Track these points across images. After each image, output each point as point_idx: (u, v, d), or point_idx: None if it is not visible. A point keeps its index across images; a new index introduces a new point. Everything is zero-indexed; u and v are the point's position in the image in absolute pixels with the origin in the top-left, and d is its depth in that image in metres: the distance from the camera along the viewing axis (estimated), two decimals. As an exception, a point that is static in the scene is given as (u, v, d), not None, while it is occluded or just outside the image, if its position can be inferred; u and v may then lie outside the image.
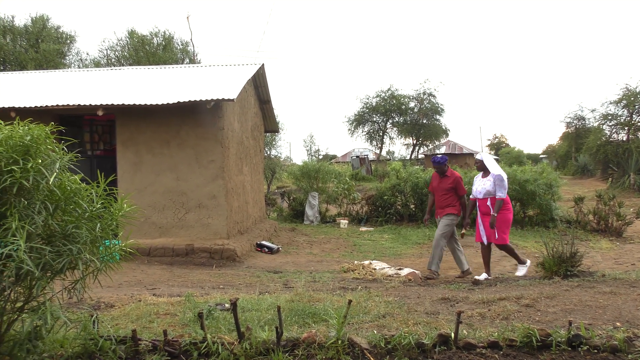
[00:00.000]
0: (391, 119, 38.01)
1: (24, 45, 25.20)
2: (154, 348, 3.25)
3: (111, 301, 5.12)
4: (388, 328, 3.88)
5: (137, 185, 9.26)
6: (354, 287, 6.14)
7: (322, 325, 3.94)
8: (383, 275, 7.24)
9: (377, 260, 8.44)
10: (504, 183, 7.05)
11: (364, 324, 4.08)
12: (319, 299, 5.04)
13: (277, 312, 3.24)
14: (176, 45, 28.22)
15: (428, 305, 4.84)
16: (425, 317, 4.28)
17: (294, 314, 4.33)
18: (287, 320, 4.12)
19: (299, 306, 4.57)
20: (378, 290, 5.68)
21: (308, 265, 8.55)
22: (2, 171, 2.64)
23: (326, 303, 4.72)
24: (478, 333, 3.59)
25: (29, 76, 13.64)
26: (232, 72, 11.94)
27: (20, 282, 2.86)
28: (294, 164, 33.84)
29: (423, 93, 36.29)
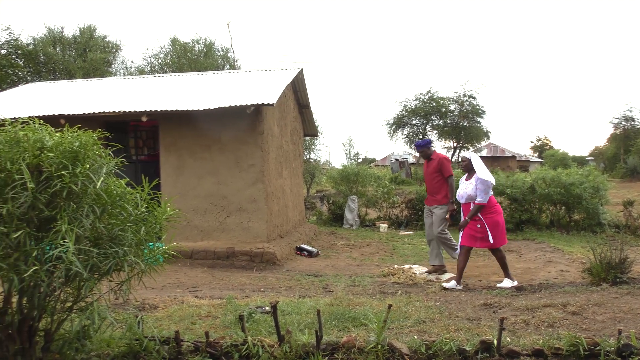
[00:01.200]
0: (431, 121, 37.56)
1: (72, 55, 26.13)
2: (196, 349, 3.31)
3: (155, 302, 5.24)
4: (429, 333, 3.83)
5: (179, 189, 9.45)
6: (394, 292, 6.09)
7: (361, 329, 3.93)
8: (423, 280, 7.16)
9: (417, 265, 8.35)
10: (487, 187, 6.55)
11: (404, 328, 4.04)
12: (358, 303, 5.02)
13: (317, 316, 3.25)
14: (217, 52, 28.74)
15: (470, 310, 4.76)
16: (467, 323, 4.20)
17: (334, 318, 4.32)
18: (327, 324, 4.13)
19: (338, 310, 4.56)
20: (418, 295, 5.62)
21: (347, 269, 8.54)
22: (53, 176, 2.74)
23: (366, 307, 4.70)
24: (522, 340, 3.51)
25: (78, 84, 14.14)
26: (271, 77, 12.05)
27: (69, 283, 2.96)
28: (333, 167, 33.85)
29: (463, 95, 35.70)
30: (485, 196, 6.56)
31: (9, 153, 2.75)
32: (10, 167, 2.69)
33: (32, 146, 2.79)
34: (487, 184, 6.54)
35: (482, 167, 6.74)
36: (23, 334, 3.00)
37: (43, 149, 2.81)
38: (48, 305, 3.02)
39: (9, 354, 2.97)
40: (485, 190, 6.56)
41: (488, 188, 6.60)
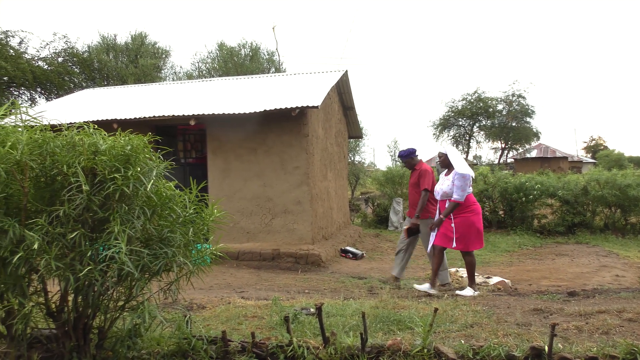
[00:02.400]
0: (478, 122, 36.85)
1: (124, 61, 27.02)
2: (242, 349, 3.35)
3: (203, 303, 5.34)
4: (476, 338, 3.75)
5: (226, 191, 9.61)
6: (440, 295, 6.00)
7: (407, 332, 3.89)
8: (471, 284, 7.01)
9: (463, 268, 8.20)
10: (464, 184, 6.10)
11: (451, 333, 3.97)
12: (404, 306, 4.97)
13: (362, 318, 3.24)
14: (262, 56, 29.09)
15: (519, 316, 4.63)
16: (516, 329, 4.09)
17: (379, 321, 4.29)
18: (372, 326, 4.10)
19: (383, 313, 4.53)
20: (465, 299, 5.51)
21: (392, 272, 8.46)
22: (106, 179, 2.84)
23: (411, 310, 4.65)
24: (574, 347, 3.39)
25: (129, 90, 14.60)
26: (316, 79, 12.11)
27: (121, 282, 3.05)
28: (378, 169, 33.65)
29: (512, 95, 34.86)
30: (462, 193, 6.10)
31: (65, 157, 2.86)
32: (66, 170, 2.80)
33: (87, 150, 2.89)
34: (466, 178, 6.09)
35: (460, 161, 6.28)
36: (78, 331, 3.12)
37: (97, 152, 2.91)
38: (102, 303, 3.12)
39: (65, 350, 3.09)
40: (462, 187, 6.10)
41: (466, 184, 6.14)
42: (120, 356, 3.15)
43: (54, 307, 3.14)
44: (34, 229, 2.68)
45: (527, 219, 13.82)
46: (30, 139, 2.85)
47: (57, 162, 2.87)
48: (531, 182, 13.78)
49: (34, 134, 2.90)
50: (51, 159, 2.89)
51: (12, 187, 2.85)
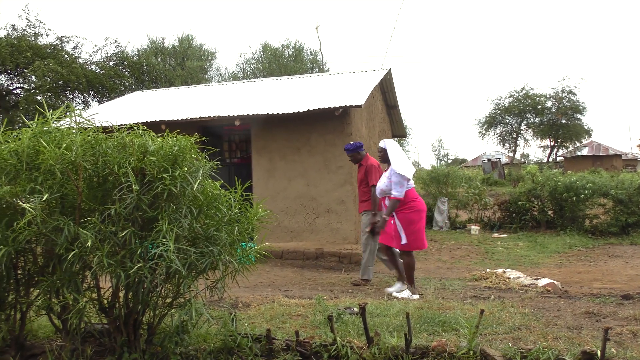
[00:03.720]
0: (526, 119, 35.88)
1: (172, 63, 27.72)
2: (286, 347, 3.38)
3: (247, 301, 5.41)
4: (524, 341, 3.66)
5: (270, 191, 9.70)
6: (486, 296, 5.88)
7: (452, 334, 3.83)
8: (518, 285, 6.84)
9: (511, 269, 8.00)
10: (401, 179, 5.85)
11: (498, 335, 3.88)
12: (449, 307, 4.90)
13: (406, 319, 3.21)
14: (306, 56, 29.27)
15: (569, 319, 4.48)
16: (567, 332, 3.96)
17: (423, 321, 4.25)
18: (416, 327, 4.06)
19: (428, 313, 4.48)
20: (513, 301, 5.38)
21: (437, 272, 8.35)
22: (155, 179, 2.92)
23: (457, 311, 4.57)
24: (629, 353, 3.26)
25: (177, 92, 14.95)
26: (359, 78, 12.07)
27: (169, 280, 3.13)
28: (422, 168, 33.27)
29: (562, 91, 33.74)
30: (400, 189, 5.83)
31: (116, 157, 2.96)
32: (117, 170, 2.89)
33: (137, 151, 2.98)
34: (401, 176, 5.83)
35: (397, 158, 6.01)
36: (129, 327, 3.22)
37: (146, 153, 3.00)
38: (151, 300, 3.21)
39: (117, 344, 3.19)
40: (399, 183, 5.83)
41: (403, 179, 5.87)
42: (168, 352, 3.23)
43: (106, 302, 3.25)
44: (87, 227, 2.79)
45: (578, 219, 13.37)
46: (84, 140, 2.95)
47: (109, 162, 2.97)
48: (582, 181, 13.31)
49: (87, 135, 3.00)
50: (103, 160, 3.00)
51: (67, 187, 2.97)
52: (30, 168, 2.98)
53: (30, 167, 2.98)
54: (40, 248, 3.26)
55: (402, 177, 5.88)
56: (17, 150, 3.00)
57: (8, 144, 3.07)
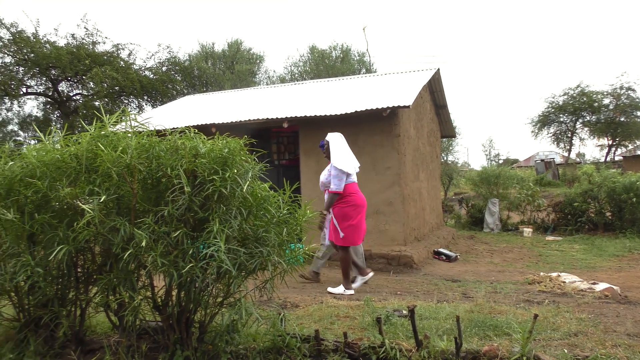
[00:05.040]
0: (581, 118, 34.54)
1: (221, 67, 28.27)
2: (335, 349, 3.38)
3: (296, 301, 5.45)
4: (581, 348, 3.52)
5: (318, 192, 9.72)
6: (540, 301, 5.71)
7: (504, 339, 3.73)
8: (574, 290, 6.60)
9: (566, 273, 7.73)
10: (340, 173, 5.91)
11: (552, 341, 3.76)
12: (500, 310, 4.78)
13: (456, 322, 3.16)
14: (353, 57, 29.24)
15: (630, 325, 4.29)
16: (627, 339, 3.80)
17: (474, 325, 4.16)
18: (466, 331, 3.98)
19: (478, 317, 4.39)
20: (568, 306, 5.20)
21: (488, 275, 8.17)
22: (206, 180, 2.98)
23: (509, 316, 4.46)
24: (696, 363, 3.09)
25: (226, 95, 15.24)
26: (407, 78, 11.96)
27: (220, 279, 3.19)
28: (472, 169, 32.65)
29: (620, 88, 32.29)
30: (339, 183, 5.83)
31: (169, 160, 3.05)
32: (170, 172, 2.98)
33: (189, 153, 3.06)
34: (340, 171, 5.86)
35: (338, 152, 6.03)
36: (181, 325, 3.30)
37: (197, 155, 3.07)
38: (202, 299, 3.29)
39: (170, 342, 3.28)
40: (338, 177, 5.85)
41: (342, 174, 5.88)
42: (219, 350, 3.29)
43: (159, 301, 3.35)
44: (142, 228, 2.88)
45: (638, 221, 12.78)
46: (139, 143, 3.06)
47: (162, 165, 3.06)
48: (643, 181, 12.74)
49: (141, 139, 3.11)
50: (157, 162, 3.09)
51: (123, 188, 3.08)
52: (89, 171, 3.10)
53: (89, 170, 3.11)
54: (98, 247, 3.40)
55: (341, 171, 5.95)
56: (76, 153, 3.14)
57: (69, 148, 3.21)
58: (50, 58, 19.01)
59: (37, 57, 18.99)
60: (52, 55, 18.97)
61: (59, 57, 18.85)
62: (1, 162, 3.30)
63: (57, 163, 3.17)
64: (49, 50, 19.20)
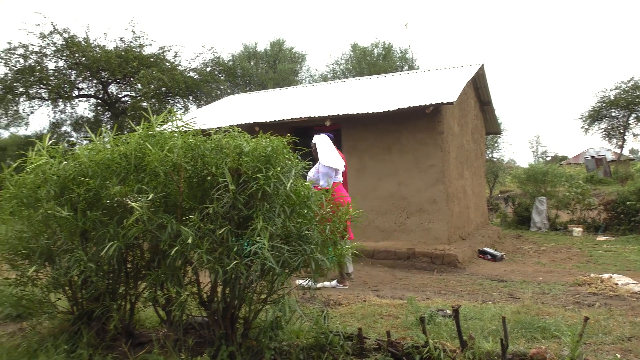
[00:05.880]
0: (635, 112, 33.11)
1: (264, 67, 28.57)
2: (378, 347, 3.37)
3: (339, 299, 5.46)
4: (635, 353, 3.40)
5: (360, 190, 9.72)
6: (591, 303, 5.52)
7: (552, 341, 3.63)
8: (627, 292, 6.36)
9: (619, 274, 7.45)
10: (329, 171, 6.24)
11: (604, 345, 3.63)
12: (548, 312, 4.65)
13: (502, 323, 3.09)
14: (395, 54, 29.02)
15: (689, 330, 4.10)
16: (686, 344, 3.63)
17: (520, 327, 4.07)
18: (513, 332, 3.90)
19: (525, 319, 4.29)
20: (621, 309, 5.01)
21: (535, 276, 7.96)
22: (249, 179, 3.03)
23: (557, 318, 4.34)
24: None
25: (269, 94, 15.38)
26: (450, 75, 11.78)
27: (264, 276, 3.23)
28: (518, 166, 31.81)
29: (677, 81, 30.80)
30: (329, 180, 6.04)
31: (214, 159, 3.10)
32: (215, 171, 3.03)
33: (233, 152, 3.11)
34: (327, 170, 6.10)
35: (325, 151, 6.40)
36: (226, 320, 3.36)
37: (241, 154, 3.12)
38: (246, 296, 3.34)
39: (215, 337, 3.35)
40: (327, 174, 6.08)
41: (330, 172, 6.14)
42: (263, 346, 3.33)
43: (205, 297, 3.42)
44: (188, 225, 2.95)
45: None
46: (184, 143, 3.13)
47: (207, 163, 3.12)
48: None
49: (187, 138, 3.18)
50: (202, 161, 3.15)
51: (170, 187, 3.16)
52: (137, 169, 3.20)
53: (138, 169, 3.20)
54: (146, 244, 3.50)
55: (330, 168, 6.33)
56: (126, 153, 3.24)
57: (118, 148, 3.32)
58: (100, 61, 19.66)
59: (88, 61, 19.68)
60: (102, 58, 19.61)
61: (108, 60, 19.48)
62: (56, 162, 3.44)
63: (107, 162, 3.29)
64: (99, 54, 19.86)
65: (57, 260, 3.45)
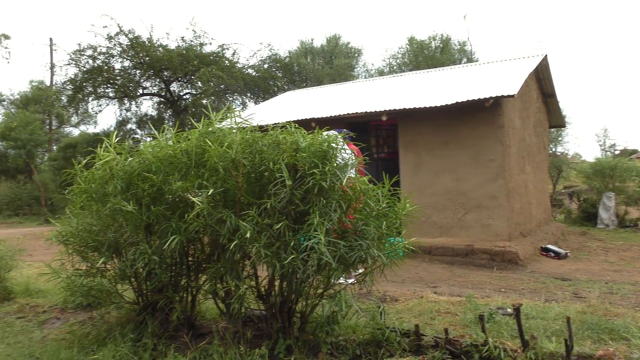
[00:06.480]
0: None
1: (320, 63, 28.66)
2: (435, 345, 3.33)
3: (395, 295, 5.42)
4: None
5: (417, 185, 9.60)
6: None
7: (621, 343, 3.47)
8: None
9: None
10: None
11: (680, 349, 3.43)
12: (617, 313, 4.44)
13: (567, 323, 2.98)
14: (453, 46, 28.38)
15: None
16: None
17: (586, 328, 3.91)
18: (578, 333, 3.75)
19: (592, 319, 4.11)
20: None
21: (603, 275, 7.61)
22: (306, 174, 3.05)
23: (627, 319, 4.13)
24: None
25: (325, 90, 15.43)
26: (511, 66, 11.42)
27: (320, 271, 3.26)
28: (584, 161, 30.48)
29: None
30: None
31: (271, 154, 3.15)
32: (272, 166, 3.08)
33: (289, 148, 3.14)
34: None
35: None
36: (283, 314, 3.41)
37: (298, 149, 3.15)
38: (303, 290, 3.37)
39: (273, 330, 3.41)
40: None
41: None
42: (319, 340, 3.36)
43: (263, 290, 3.49)
44: (246, 220, 3.01)
45: None
46: (243, 139, 3.19)
47: (265, 159, 3.17)
48: None
49: (245, 134, 3.24)
50: (259, 157, 3.21)
51: (229, 182, 3.23)
52: (197, 165, 3.30)
53: (198, 165, 3.30)
54: (206, 238, 3.60)
55: None
56: (187, 149, 3.35)
57: (180, 144, 3.43)
58: (163, 60, 20.30)
59: (152, 60, 20.36)
60: (165, 57, 20.25)
61: (170, 60, 20.09)
62: (122, 158, 3.59)
63: (169, 158, 3.40)
64: (161, 54, 20.51)
65: (123, 253, 3.61)
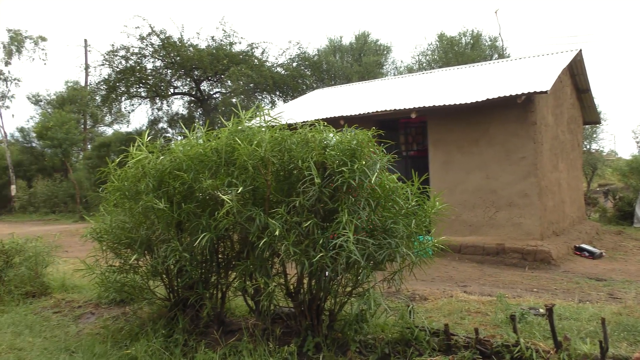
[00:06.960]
0: None
1: (349, 60, 28.59)
2: (465, 344, 3.30)
3: (425, 294, 5.39)
4: None
5: (447, 183, 9.50)
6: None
7: (660, 346, 3.37)
8: None
9: None
10: None
11: None
12: (655, 315, 4.32)
13: (602, 325, 2.91)
14: (484, 42, 27.96)
15: None
16: None
17: (622, 329, 3.82)
18: (613, 335, 3.66)
19: (628, 321, 4.01)
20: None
21: (639, 275, 7.41)
22: (335, 172, 3.05)
23: (666, 321, 4.02)
24: None
25: (354, 87, 15.40)
26: (544, 62, 11.19)
27: (349, 269, 3.26)
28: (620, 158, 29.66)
29: None
30: None
31: (300, 152, 3.16)
32: (301, 164, 3.09)
33: (318, 146, 3.15)
34: None
35: None
36: (312, 312, 3.43)
37: (327, 147, 3.15)
38: (332, 288, 3.38)
39: (301, 327, 3.42)
40: None
41: None
42: (348, 338, 3.37)
43: (292, 288, 3.51)
44: (275, 218, 3.03)
45: None
46: (272, 137, 3.21)
47: (293, 157, 3.18)
48: None
49: (274, 132, 3.26)
50: (288, 155, 3.22)
51: (258, 180, 3.26)
52: (227, 163, 3.33)
53: (228, 163, 3.33)
54: (236, 236, 3.64)
55: None
56: (217, 147, 3.39)
57: (210, 143, 3.47)
58: (194, 60, 20.57)
59: (183, 60, 20.65)
60: (195, 57, 20.50)
61: (200, 59, 20.33)
62: (154, 157, 3.65)
63: (200, 157, 3.45)
64: (192, 53, 20.77)
65: (155, 250, 3.67)
